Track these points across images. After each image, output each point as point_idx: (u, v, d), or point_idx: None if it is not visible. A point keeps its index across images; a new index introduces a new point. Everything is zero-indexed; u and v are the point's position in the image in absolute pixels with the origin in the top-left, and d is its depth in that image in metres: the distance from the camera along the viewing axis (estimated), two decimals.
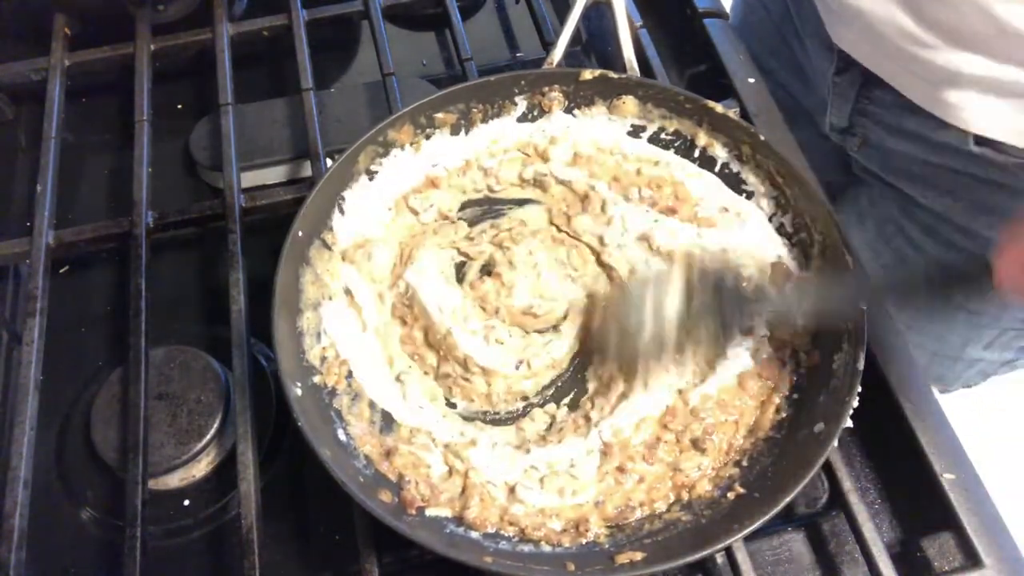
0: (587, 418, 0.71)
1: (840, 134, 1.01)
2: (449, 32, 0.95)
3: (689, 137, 0.80)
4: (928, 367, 1.12)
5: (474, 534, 0.63)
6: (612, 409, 0.70)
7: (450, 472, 0.67)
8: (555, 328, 0.76)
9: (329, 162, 0.77)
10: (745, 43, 1.15)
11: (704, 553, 0.58)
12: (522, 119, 0.82)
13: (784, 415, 0.68)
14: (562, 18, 1.00)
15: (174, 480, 0.71)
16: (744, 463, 0.67)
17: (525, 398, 0.73)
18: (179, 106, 0.97)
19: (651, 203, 0.79)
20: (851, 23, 0.86)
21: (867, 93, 0.92)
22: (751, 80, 0.89)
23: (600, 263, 0.79)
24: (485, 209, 0.82)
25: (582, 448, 0.68)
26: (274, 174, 0.89)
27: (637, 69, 0.83)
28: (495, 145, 0.82)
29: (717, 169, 0.79)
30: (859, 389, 0.62)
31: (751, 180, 0.78)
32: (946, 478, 0.65)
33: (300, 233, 0.70)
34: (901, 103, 0.86)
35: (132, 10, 0.96)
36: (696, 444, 0.68)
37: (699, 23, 0.96)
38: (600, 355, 0.74)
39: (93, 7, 0.97)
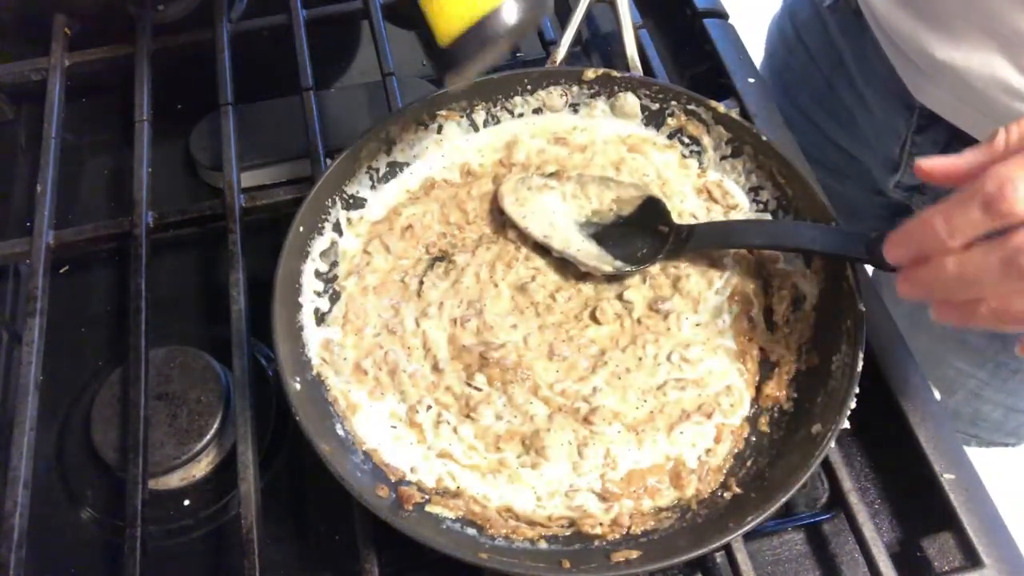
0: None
1: (907, 191, 0.95)
2: None
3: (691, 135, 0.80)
4: (1002, 422, 1.08)
5: (471, 530, 0.63)
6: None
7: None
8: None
9: (329, 162, 0.77)
10: (782, 83, 1.09)
11: (700, 552, 0.57)
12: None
13: (780, 414, 0.68)
14: (562, 18, 1.01)
15: (174, 480, 0.71)
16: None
17: None
18: (179, 106, 0.97)
19: None
20: (940, 80, 0.79)
21: (952, 151, 0.87)
22: (751, 80, 0.88)
23: None
24: None
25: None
26: (274, 174, 0.89)
27: (640, 68, 0.83)
28: None
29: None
30: (856, 391, 0.61)
31: (752, 180, 0.78)
32: (946, 478, 0.65)
33: (302, 228, 0.71)
34: None
35: (132, 10, 0.95)
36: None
37: (699, 23, 0.95)
38: None
39: (93, 7, 0.97)
